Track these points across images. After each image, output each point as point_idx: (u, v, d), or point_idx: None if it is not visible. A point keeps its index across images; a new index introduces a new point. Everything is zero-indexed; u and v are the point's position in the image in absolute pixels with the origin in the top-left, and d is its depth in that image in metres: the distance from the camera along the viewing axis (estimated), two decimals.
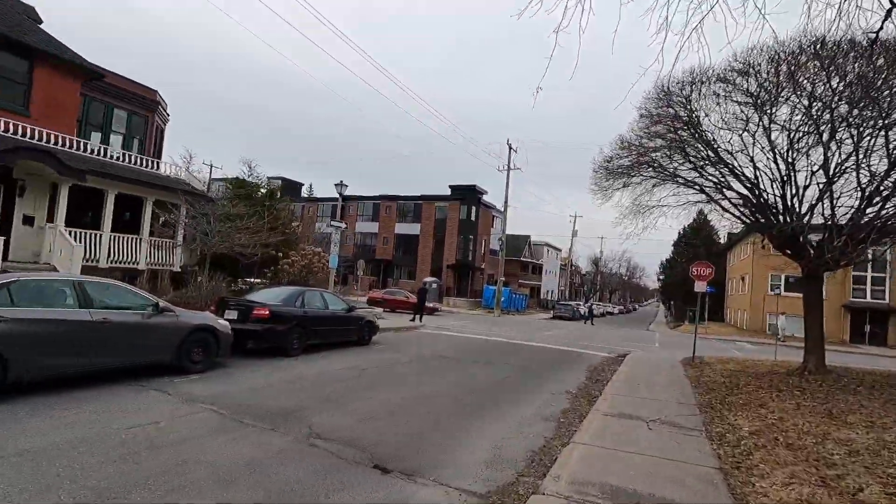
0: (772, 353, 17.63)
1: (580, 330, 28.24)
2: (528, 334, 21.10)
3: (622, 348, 18.00)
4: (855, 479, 4.60)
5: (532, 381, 9.91)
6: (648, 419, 6.96)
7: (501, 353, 13.87)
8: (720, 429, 6.58)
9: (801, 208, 10.52)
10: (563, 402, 8.28)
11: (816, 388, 9.14)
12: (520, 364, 12.13)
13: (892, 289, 33.37)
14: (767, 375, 10.86)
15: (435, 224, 46.97)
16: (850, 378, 10.26)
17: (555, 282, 73.35)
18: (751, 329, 36.51)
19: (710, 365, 13.12)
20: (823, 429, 6.35)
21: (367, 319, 12.75)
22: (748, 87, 9.91)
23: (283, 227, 19.59)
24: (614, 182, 12.44)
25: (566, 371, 11.74)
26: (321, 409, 6.39)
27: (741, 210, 11.66)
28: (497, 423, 6.56)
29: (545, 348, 16.15)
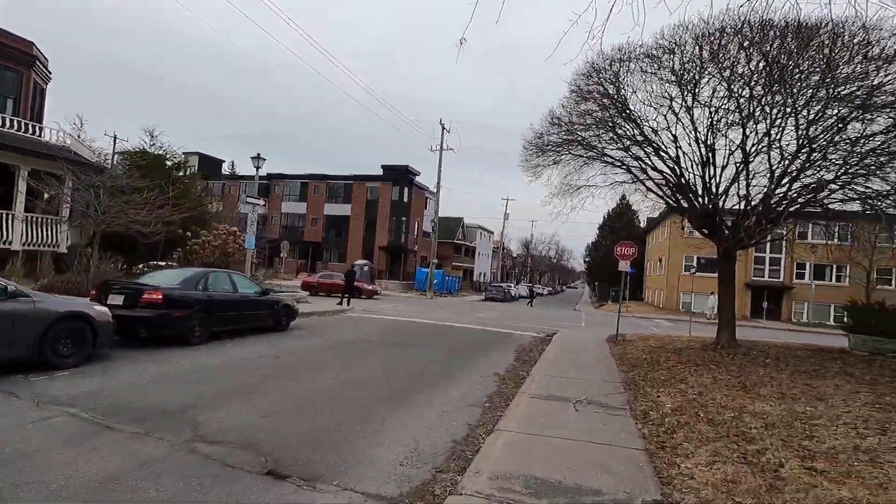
0: (686, 330, 18.62)
1: (511, 311, 28.60)
2: (459, 316, 20.88)
3: (551, 328, 18.23)
4: (774, 453, 4.55)
5: (460, 365, 9.52)
6: (575, 400, 6.75)
7: (431, 336, 13.43)
8: (644, 406, 6.50)
9: (719, 188, 10.86)
10: (490, 386, 7.94)
11: (729, 361, 9.49)
12: (449, 347, 11.74)
13: (787, 268, 36.82)
14: (685, 351, 11.23)
15: (366, 205, 45.61)
16: (758, 351, 10.85)
17: (487, 264, 74.44)
18: (667, 307, 38.95)
19: (632, 342, 13.47)
20: (740, 402, 6.43)
21: (285, 303, 11.76)
22: (673, 66, 9.97)
23: (194, 204, 17.77)
24: (544, 159, 12.26)
25: (495, 353, 11.50)
26: (215, 406, 5.53)
27: (664, 190, 11.89)
28: (419, 412, 6.04)
29: (476, 330, 15.93)
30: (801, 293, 36.04)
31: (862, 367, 8.49)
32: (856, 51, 8.88)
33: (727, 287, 11.70)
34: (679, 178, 11.16)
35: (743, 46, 9.24)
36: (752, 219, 10.43)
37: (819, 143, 9.78)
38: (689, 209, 11.44)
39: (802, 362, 9.28)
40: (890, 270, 33.52)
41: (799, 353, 10.74)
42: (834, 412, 5.78)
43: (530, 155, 12.35)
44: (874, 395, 6.41)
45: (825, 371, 8.29)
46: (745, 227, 10.14)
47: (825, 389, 6.86)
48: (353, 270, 21.84)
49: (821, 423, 5.35)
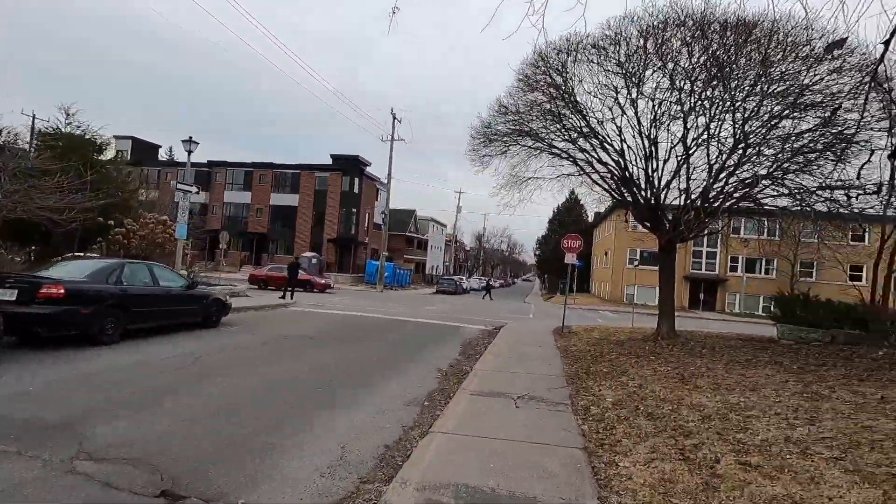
0: (629, 321, 19.11)
1: (462, 304, 28.49)
2: (409, 309, 20.48)
3: (499, 320, 18.18)
4: (710, 448, 4.47)
5: (403, 361, 9.14)
6: (517, 396, 6.54)
7: (376, 331, 12.96)
8: (586, 401, 6.37)
9: (661, 182, 11.02)
10: (431, 383, 7.61)
11: (669, 352, 9.65)
12: (394, 341, 11.33)
13: (721, 262, 38.86)
14: (628, 342, 11.36)
15: (315, 196, 44.13)
16: (696, 342, 11.15)
17: (440, 257, 74.32)
18: (612, 299, 40.21)
19: (577, 334, 13.56)
20: (678, 394, 6.43)
21: (215, 297, 10.93)
22: (619, 58, 9.97)
23: (117, 190, 16.29)
24: (492, 149, 12.04)
25: (441, 347, 11.21)
26: (113, 415, 4.87)
27: (609, 183, 11.97)
28: (351, 414, 5.62)
29: (424, 323, 15.59)
30: (734, 285, 38.16)
31: (790, 357, 8.83)
32: (789, 50, 9.16)
33: (668, 279, 11.96)
34: (623, 171, 11.24)
35: (685, 41, 9.34)
36: (692, 212, 10.64)
37: (754, 140, 10.07)
38: (633, 202, 11.57)
39: (736, 352, 9.56)
40: (812, 263, 36.04)
41: (733, 343, 11.13)
42: (766, 402, 5.85)
43: (478, 145, 12.11)
44: (802, 385, 6.58)
45: (757, 361, 8.54)
46: (685, 221, 10.32)
47: (757, 379, 7.00)
48: (297, 263, 20.93)
49: (754, 415, 5.38)
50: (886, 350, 8.92)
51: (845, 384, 6.57)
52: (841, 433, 4.66)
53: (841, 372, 7.36)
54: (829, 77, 9.18)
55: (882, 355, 8.60)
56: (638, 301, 38.59)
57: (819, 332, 10.92)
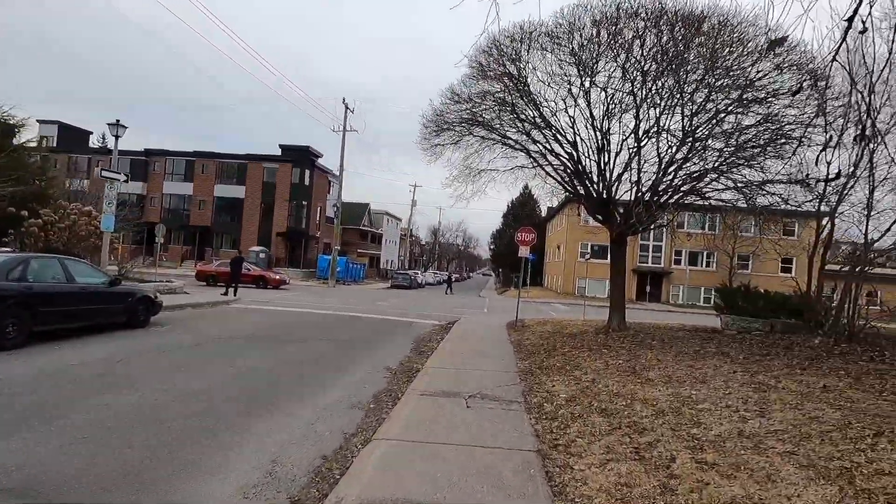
0: (581, 313, 19.35)
1: (416, 298, 28.08)
2: (360, 305, 19.87)
3: (453, 315, 17.93)
4: (665, 445, 4.31)
5: (350, 360, 8.65)
6: (468, 395, 6.23)
7: (324, 328, 12.35)
8: (539, 398, 6.15)
9: (613, 175, 11.03)
10: (379, 383, 7.19)
11: (620, 345, 9.65)
12: (342, 339, 10.78)
13: (666, 255, 40.41)
14: (580, 335, 11.34)
15: (263, 187, 42.31)
16: (646, 334, 11.28)
17: (394, 251, 73.50)
18: (564, 292, 40.99)
19: (530, 328, 13.48)
20: (631, 388, 6.32)
21: (143, 295, 9.99)
22: (573, 47, 9.83)
23: (34, 177, 14.71)
24: (444, 138, 11.67)
25: (392, 344, 10.78)
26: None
27: (562, 176, 11.89)
28: (287, 422, 5.11)
29: (375, 319, 15.08)
30: (678, 277, 39.80)
31: (735, 347, 9.03)
32: (735, 45, 9.31)
33: (618, 272, 12.04)
34: (576, 163, 11.18)
35: (638, 33, 9.31)
36: (643, 205, 10.71)
37: (701, 133, 10.22)
38: (586, 195, 11.55)
39: (684, 343, 9.70)
40: (748, 256, 38.10)
41: (680, 335, 11.34)
42: (716, 395, 5.82)
43: (430, 133, 11.70)
44: (749, 375, 6.65)
45: (705, 352, 8.66)
46: (637, 213, 10.37)
47: (706, 371, 7.03)
48: (241, 257, 19.82)
49: (706, 408, 5.30)
50: (821, 338, 9.29)
51: (789, 374, 6.69)
52: (790, 425, 4.63)
53: (784, 361, 7.53)
54: (770, 74, 9.41)
55: (818, 343, 8.94)
56: (589, 294, 39.55)
57: (759, 322, 11.33)
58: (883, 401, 5.34)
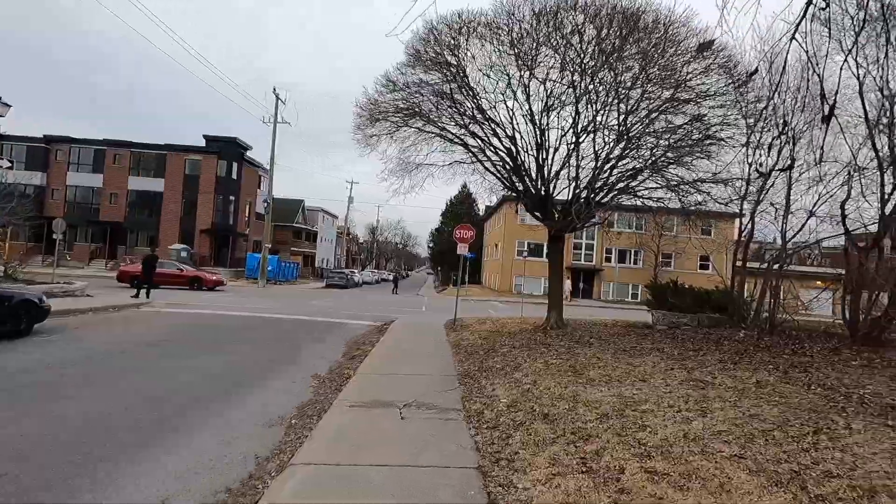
0: (519, 311, 19.39)
1: (352, 298, 27.08)
2: (290, 306, 18.72)
3: (390, 315, 17.31)
4: (612, 454, 4.03)
5: (274, 367, 7.85)
6: (402, 404, 5.71)
7: (245, 332, 11.33)
8: (479, 404, 5.74)
9: (552, 171, 10.93)
10: (304, 393, 6.49)
11: (559, 343, 9.52)
12: (265, 344, 9.88)
13: (598, 253, 41.99)
14: (518, 334, 11.15)
15: (185, 180, 39.25)
16: (584, 331, 11.29)
17: (331, 250, 71.32)
18: (501, 290, 41.46)
19: (469, 327, 13.17)
20: (573, 389, 6.07)
21: (23, 299, 8.56)
22: (512, 38, 9.57)
23: None
24: (379, 128, 11.05)
25: (322, 348, 10.02)
26: None
27: (501, 172, 11.65)
28: (188, 448, 4.35)
29: (305, 321, 14.15)
30: (608, 274, 41.47)
31: (669, 343, 9.16)
32: (668, 45, 9.45)
33: (556, 269, 12.00)
34: (515, 158, 10.97)
35: (577, 27, 9.21)
36: (581, 202, 10.68)
37: (635, 132, 10.33)
38: (524, 191, 11.38)
39: (621, 340, 9.74)
40: (671, 254, 40.41)
41: (616, 331, 11.45)
42: (657, 393, 5.69)
43: (363, 123, 11.02)
44: (686, 371, 6.64)
45: (641, 349, 8.69)
46: (575, 210, 10.31)
47: (645, 368, 6.97)
48: (154, 255, 18.02)
49: (649, 409, 5.13)
50: (745, 332, 9.68)
51: (722, 369, 6.75)
52: (733, 424, 4.52)
53: (716, 357, 7.66)
54: (700, 76, 9.67)
55: (743, 337, 9.29)
56: (526, 291, 40.26)
57: (687, 317, 11.71)
58: (812, 394, 5.43)
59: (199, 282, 24.26)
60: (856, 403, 5.03)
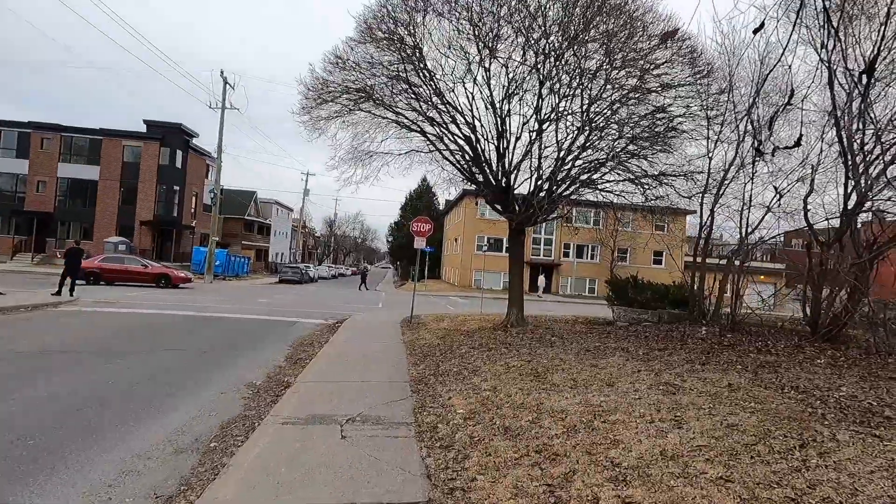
0: (478, 306, 18.93)
1: (305, 294, 25.85)
2: (236, 304, 17.47)
3: (344, 312, 16.43)
4: (584, 479, 3.48)
5: (203, 375, 6.93)
6: (346, 418, 5.00)
7: (180, 334, 10.23)
8: (433, 417, 5.11)
9: (513, 161, 10.40)
10: (233, 407, 5.66)
11: (520, 342, 9.02)
12: (200, 348, 8.87)
13: (556, 248, 42.30)
14: (477, 332, 10.61)
15: (123, 168, 36.50)
16: (545, 329, 10.86)
17: (286, 244, 68.89)
18: (461, 285, 41.07)
19: (426, 325, 12.53)
20: (536, 396, 5.53)
21: None
22: (471, 17, 8.92)
23: None
24: (327, 110, 10.15)
25: (263, 350, 9.12)
26: None
27: (460, 161, 11.02)
28: (72, 485, 3.49)
29: (251, 321, 13.09)
30: (566, 269, 41.84)
31: (632, 341, 8.83)
32: (632, 29, 9.07)
33: (517, 263, 11.52)
34: (475, 147, 10.36)
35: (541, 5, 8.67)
36: (543, 193, 10.21)
37: (598, 122, 9.94)
38: (485, 183, 10.80)
39: (584, 339, 9.34)
40: (626, 249, 41.21)
41: (578, 329, 11.10)
42: (626, 400, 5.23)
43: (310, 104, 10.08)
44: (653, 374, 6.24)
45: (605, 348, 8.30)
46: (537, 202, 9.83)
47: (611, 371, 6.53)
48: (79, 248, 16.29)
49: (619, 419, 4.64)
50: (707, 329, 9.51)
51: (691, 370, 6.40)
52: (712, 437, 4.08)
53: (682, 356, 7.34)
54: (663, 65, 9.36)
55: (706, 334, 9.09)
56: (485, 286, 40.02)
57: (648, 313, 11.51)
58: (787, 398, 5.11)
59: (166, 279, 22.71)
60: (834, 409, 4.71)
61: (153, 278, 22.43)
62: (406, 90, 9.85)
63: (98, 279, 21.21)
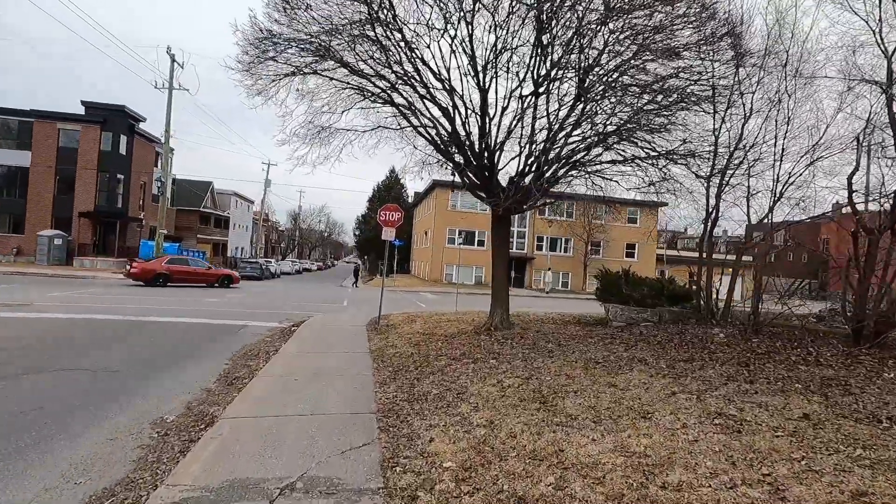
0: (452, 304, 17.41)
1: (262, 293, 23.61)
2: (182, 304, 15.35)
3: (304, 312, 14.60)
4: None
5: (97, 408, 5.13)
6: (281, 485, 3.37)
7: (92, 346, 8.26)
8: (410, 478, 3.53)
9: (499, 136, 8.86)
10: (119, 464, 3.93)
11: (511, 351, 7.54)
12: (107, 366, 6.97)
13: (529, 241, 41.25)
14: (457, 337, 9.07)
15: (59, 154, 33.03)
16: (535, 331, 9.40)
17: (246, 237, 65.52)
18: (431, 279, 39.48)
19: (397, 327, 10.92)
20: (550, 437, 4.04)
21: None
22: None
23: None
24: (275, 70, 8.30)
25: (195, 365, 7.32)
26: None
27: (434, 136, 9.38)
28: None
29: (190, 325, 11.14)
30: (540, 262, 40.85)
31: (646, 348, 7.47)
32: None
33: (501, 255, 10.02)
34: (452, 119, 8.75)
35: None
36: (535, 173, 8.73)
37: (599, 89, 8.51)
38: (465, 164, 9.21)
39: (584, 345, 7.94)
40: (599, 242, 40.56)
41: (572, 332, 9.67)
42: (678, 444, 3.80)
43: (252, 61, 8.20)
44: (694, 398, 4.86)
45: (617, 358, 6.91)
46: (531, 182, 8.34)
47: (636, 393, 5.12)
48: None
49: (684, 483, 3.19)
50: (723, 331, 8.28)
51: (739, 391, 5.06)
52: None
53: (718, 370, 6.01)
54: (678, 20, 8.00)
55: (726, 339, 7.84)
56: (457, 281, 38.61)
57: (648, 312, 10.23)
58: (892, 437, 3.78)
59: (228, 279, 25.03)
60: None
61: (216, 279, 24.42)
62: (372, 46, 8.12)
63: (167, 281, 22.19)
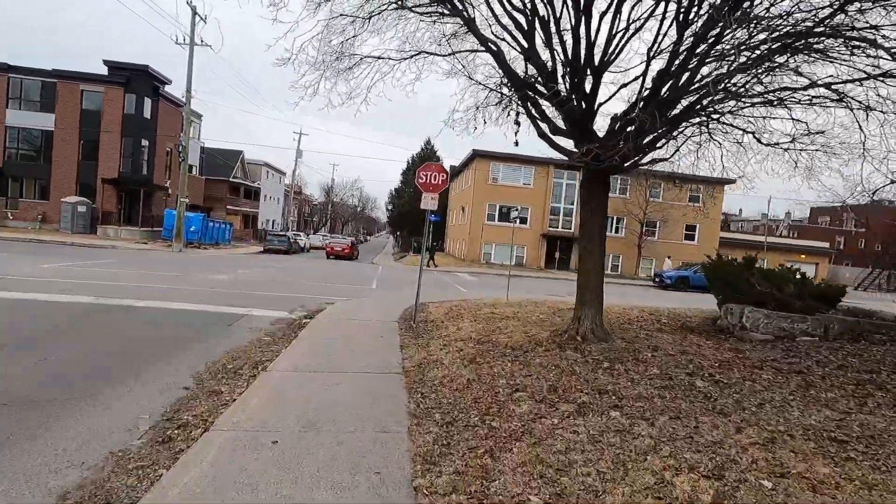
0: (495, 287, 14.60)
1: (283, 270, 21.21)
2: (186, 282, 13.12)
3: (325, 297, 12.13)
4: None
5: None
6: None
7: (44, 339, 5.87)
8: None
9: (605, 54, 5.83)
10: None
11: (631, 388, 4.65)
12: (30, 378, 4.50)
13: (577, 220, 37.68)
14: (530, 350, 6.25)
15: (82, 117, 31.58)
16: (648, 347, 6.34)
17: (277, 210, 64.19)
18: (468, 259, 36.71)
19: (438, 327, 8.22)
20: None
21: None
22: None
23: None
24: None
25: (137, 392, 4.80)
26: None
27: (505, 51, 6.40)
28: None
29: (174, 313, 8.75)
30: None
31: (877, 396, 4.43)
32: None
33: (593, 230, 6.96)
34: (532, 22, 5.75)
35: None
36: (647, 113, 5.62)
37: None
38: (551, 94, 6.20)
39: (759, 384, 4.95)
40: (655, 223, 36.64)
41: (700, 347, 6.61)
42: None
43: None
44: None
45: (861, 425, 3.93)
46: (640, 119, 5.32)
47: None
48: None
49: None
50: None
51: None
52: None
53: None
54: None
55: None
56: (494, 261, 35.71)
57: (809, 322, 7.10)
58: None
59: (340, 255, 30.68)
60: None
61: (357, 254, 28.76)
62: None
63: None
